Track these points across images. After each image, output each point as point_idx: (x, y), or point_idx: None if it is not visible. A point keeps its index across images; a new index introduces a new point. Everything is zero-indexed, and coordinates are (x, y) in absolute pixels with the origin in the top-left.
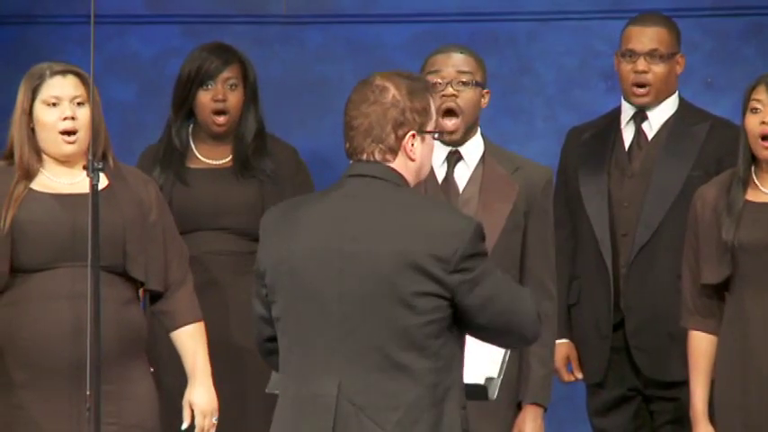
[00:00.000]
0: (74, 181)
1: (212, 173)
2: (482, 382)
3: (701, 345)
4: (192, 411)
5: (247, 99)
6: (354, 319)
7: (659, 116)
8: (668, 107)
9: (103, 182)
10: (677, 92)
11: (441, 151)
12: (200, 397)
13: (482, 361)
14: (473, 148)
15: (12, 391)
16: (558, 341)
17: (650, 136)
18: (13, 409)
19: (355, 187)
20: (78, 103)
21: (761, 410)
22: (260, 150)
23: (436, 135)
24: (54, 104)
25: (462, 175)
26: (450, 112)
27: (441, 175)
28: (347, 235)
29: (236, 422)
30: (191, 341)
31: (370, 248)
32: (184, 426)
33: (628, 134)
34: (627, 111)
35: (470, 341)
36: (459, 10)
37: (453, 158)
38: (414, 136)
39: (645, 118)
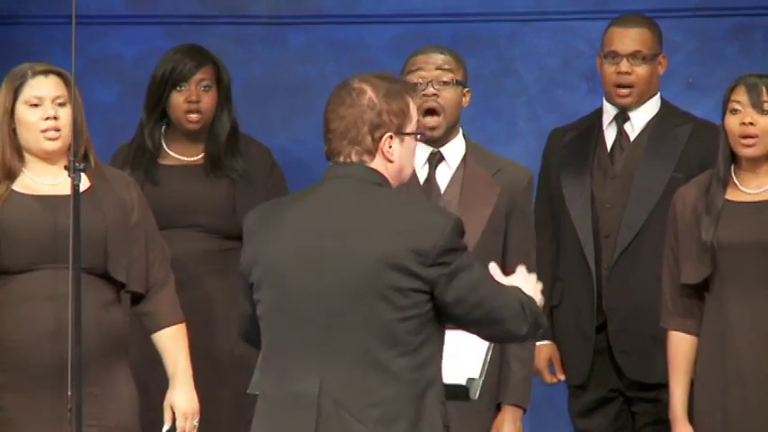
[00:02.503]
0: (55, 182)
1: (184, 169)
2: (463, 382)
3: (681, 345)
4: (174, 413)
5: (221, 100)
6: (335, 316)
7: (641, 117)
8: (650, 108)
9: (85, 183)
10: (659, 93)
11: (423, 152)
12: (182, 399)
13: (463, 361)
14: (455, 149)
15: None
16: (540, 343)
17: (632, 137)
18: None
19: (334, 187)
20: (60, 104)
21: (740, 411)
22: (232, 150)
23: (418, 136)
24: (36, 105)
25: (444, 175)
26: (430, 111)
27: (423, 175)
28: (327, 234)
29: (204, 422)
30: (172, 343)
31: (349, 246)
32: (165, 428)
33: (610, 135)
34: (609, 112)
35: (452, 342)
36: (441, 11)
37: (435, 159)
38: (391, 138)
39: (627, 119)
